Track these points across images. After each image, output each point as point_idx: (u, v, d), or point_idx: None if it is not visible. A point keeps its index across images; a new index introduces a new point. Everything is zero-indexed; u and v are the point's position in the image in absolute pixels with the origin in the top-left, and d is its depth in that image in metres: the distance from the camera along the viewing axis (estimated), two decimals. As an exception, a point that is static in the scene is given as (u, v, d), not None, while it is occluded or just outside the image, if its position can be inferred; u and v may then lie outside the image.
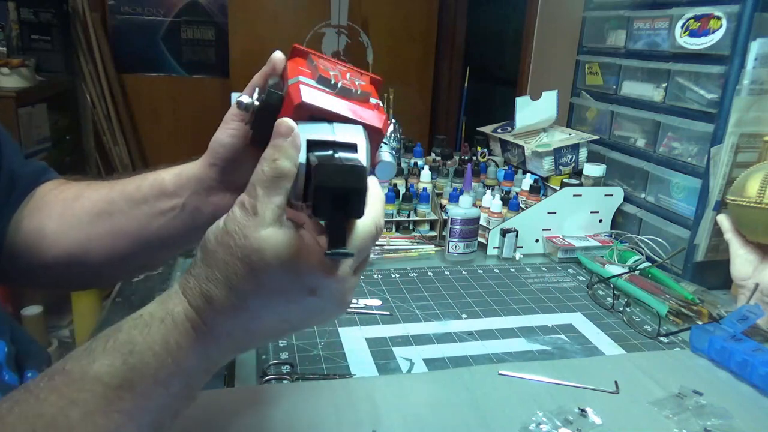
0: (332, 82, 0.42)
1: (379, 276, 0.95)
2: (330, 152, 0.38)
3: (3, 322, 0.51)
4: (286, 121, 0.37)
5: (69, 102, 2.59)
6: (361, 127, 0.42)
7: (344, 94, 0.43)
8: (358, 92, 0.43)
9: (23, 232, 0.54)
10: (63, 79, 2.55)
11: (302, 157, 0.38)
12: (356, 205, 0.36)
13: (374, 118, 0.43)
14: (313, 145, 0.39)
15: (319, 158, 0.37)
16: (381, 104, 0.45)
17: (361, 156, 0.39)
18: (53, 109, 2.31)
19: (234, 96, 1.21)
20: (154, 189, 0.52)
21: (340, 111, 0.41)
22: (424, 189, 1.15)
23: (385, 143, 0.45)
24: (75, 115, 2.67)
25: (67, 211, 0.54)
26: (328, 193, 0.35)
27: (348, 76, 0.44)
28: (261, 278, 0.36)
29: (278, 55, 0.49)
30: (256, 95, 0.44)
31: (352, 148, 0.39)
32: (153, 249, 0.54)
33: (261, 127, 0.43)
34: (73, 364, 0.34)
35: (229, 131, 0.50)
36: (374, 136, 0.43)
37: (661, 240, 1.04)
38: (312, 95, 0.41)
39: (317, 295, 0.37)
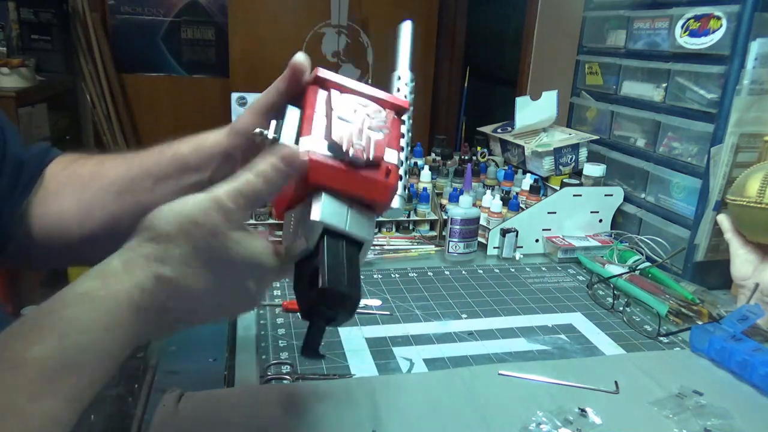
0: (344, 149, 0.43)
1: (379, 276, 0.95)
2: (339, 259, 0.42)
3: (2, 321, 0.51)
4: (289, 154, 0.42)
5: (69, 102, 2.59)
6: (373, 218, 0.46)
7: (354, 165, 0.44)
8: (370, 159, 0.44)
9: (41, 215, 0.54)
10: (63, 79, 2.55)
11: (315, 236, 0.43)
12: (340, 321, 0.44)
13: (381, 192, 0.45)
14: (327, 231, 0.43)
15: (329, 270, 0.41)
16: (396, 158, 0.47)
17: (361, 259, 0.45)
18: (53, 109, 2.31)
19: (234, 96, 1.21)
20: (176, 165, 0.52)
21: (350, 189, 0.44)
22: (424, 189, 1.15)
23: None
24: (75, 115, 2.67)
25: (87, 192, 0.54)
26: (324, 309, 0.42)
27: (364, 130, 0.46)
28: (221, 271, 0.39)
29: (300, 58, 0.49)
30: (272, 129, 0.46)
31: (357, 245, 0.44)
32: None
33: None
34: (12, 348, 0.33)
35: (251, 127, 0.49)
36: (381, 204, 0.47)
37: (661, 240, 1.04)
38: (322, 173, 0.43)
39: (256, 290, 0.42)
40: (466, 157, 1.39)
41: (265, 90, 0.49)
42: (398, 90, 0.51)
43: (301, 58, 0.48)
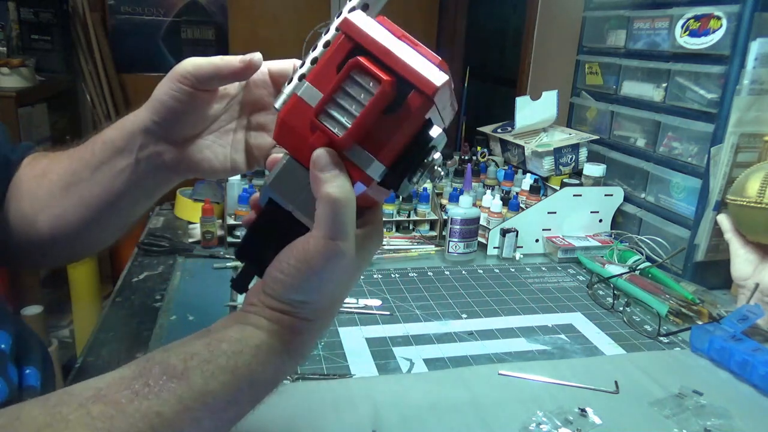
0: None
1: (379, 276, 0.95)
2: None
3: (6, 316, 0.51)
4: (321, 155, 0.36)
5: (69, 102, 2.59)
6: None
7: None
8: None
9: (9, 214, 0.55)
10: (63, 79, 2.54)
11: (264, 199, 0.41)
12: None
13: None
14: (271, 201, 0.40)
15: (244, 239, 0.42)
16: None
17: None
18: (53, 109, 2.31)
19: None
20: (106, 150, 0.51)
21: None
22: (424, 189, 1.15)
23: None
24: (75, 115, 2.67)
25: (39, 190, 0.54)
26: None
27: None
28: (347, 291, 0.44)
29: (256, 58, 0.48)
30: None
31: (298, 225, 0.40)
32: (123, 206, 0.54)
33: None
34: (195, 376, 0.35)
35: (171, 93, 0.47)
36: None
37: (661, 240, 1.04)
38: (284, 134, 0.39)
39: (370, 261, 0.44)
40: (466, 157, 1.39)
41: (199, 59, 0.47)
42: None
43: (257, 57, 0.47)
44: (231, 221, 1.03)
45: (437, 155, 0.37)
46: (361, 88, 0.35)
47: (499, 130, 1.41)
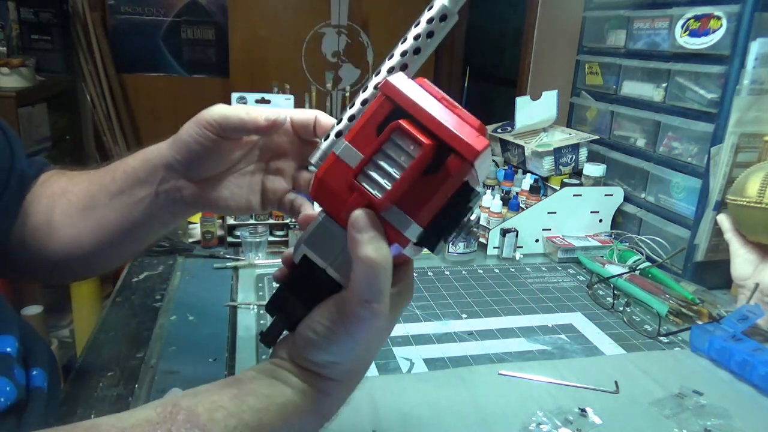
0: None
1: (379, 276, 0.95)
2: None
3: (12, 319, 0.51)
4: (360, 216, 0.36)
5: (69, 102, 2.59)
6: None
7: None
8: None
9: (26, 228, 0.55)
10: (63, 79, 2.55)
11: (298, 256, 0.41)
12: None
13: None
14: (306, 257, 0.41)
15: (274, 296, 0.41)
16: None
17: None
18: (53, 109, 2.31)
19: (234, 96, 1.21)
20: (127, 179, 0.52)
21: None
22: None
23: None
24: (75, 115, 2.67)
25: (56, 209, 0.55)
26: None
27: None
28: (377, 351, 0.45)
29: (282, 117, 0.47)
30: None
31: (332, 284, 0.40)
32: (139, 234, 0.55)
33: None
34: (206, 417, 0.35)
35: (195, 137, 0.48)
36: None
37: (661, 240, 1.04)
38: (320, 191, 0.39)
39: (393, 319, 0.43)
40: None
41: (228, 110, 0.47)
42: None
43: (282, 117, 0.47)
44: (231, 221, 1.03)
45: (474, 216, 0.37)
46: (401, 151, 0.35)
47: (499, 130, 1.41)
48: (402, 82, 0.36)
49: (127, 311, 0.81)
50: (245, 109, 0.47)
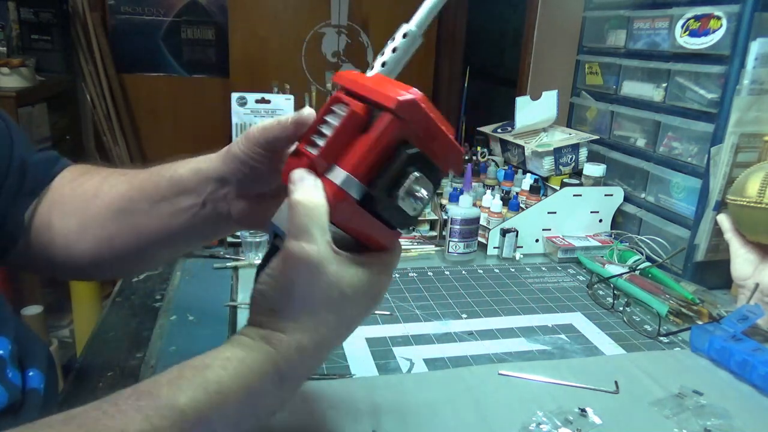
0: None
1: (379, 276, 0.95)
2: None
3: (7, 320, 0.51)
4: (294, 172, 0.40)
5: (69, 102, 2.59)
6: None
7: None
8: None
9: (45, 226, 0.55)
10: (63, 79, 2.54)
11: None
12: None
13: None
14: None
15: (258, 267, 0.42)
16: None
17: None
18: (53, 109, 2.31)
19: (234, 96, 1.20)
20: (173, 187, 0.51)
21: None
22: (424, 189, 1.15)
23: None
24: (75, 115, 2.67)
25: (88, 209, 0.54)
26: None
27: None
28: (343, 313, 0.40)
29: (306, 113, 0.46)
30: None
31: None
32: (176, 243, 0.55)
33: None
34: (163, 390, 0.35)
35: (246, 151, 0.48)
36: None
37: (661, 240, 1.04)
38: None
39: (371, 310, 0.42)
40: (466, 157, 1.39)
41: (267, 122, 0.48)
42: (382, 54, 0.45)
43: (306, 112, 0.46)
44: (231, 221, 1.03)
45: (415, 174, 0.39)
46: (337, 116, 0.40)
47: (499, 130, 1.41)
48: (348, 72, 0.42)
49: (127, 311, 0.81)
50: (276, 118, 0.48)
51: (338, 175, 0.39)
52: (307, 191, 0.38)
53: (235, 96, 1.10)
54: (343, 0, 2.68)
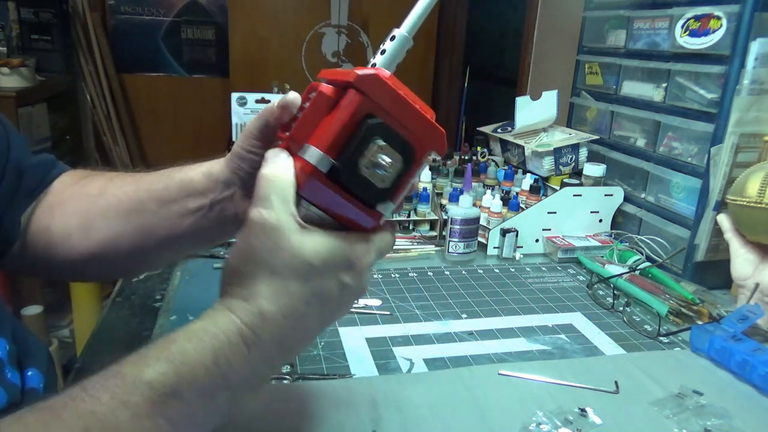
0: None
1: (379, 276, 0.95)
2: None
3: (4, 320, 0.51)
4: (267, 152, 0.43)
5: (69, 102, 2.59)
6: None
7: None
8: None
9: (45, 228, 0.55)
10: (63, 79, 2.54)
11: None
12: None
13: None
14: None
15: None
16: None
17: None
18: (53, 109, 2.31)
19: (234, 96, 1.21)
20: (182, 190, 0.52)
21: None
22: (424, 189, 1.15)
23: None
24: (75, 115, 2.67)
25: (93, 208, 0.54)
26: None
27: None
28: (312, 283, 0.40)
29: (291, 97, 0.46)
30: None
31: None
32: (182, 245, 0.55)
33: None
34: (128, 368, 0.35)
35: (245, 146, 0.49)
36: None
37: (661, 240, 1.04)
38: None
39: (347, 285, 0.41)
40: (466, 157, 1.39)
41: (257, 114, 0.49)
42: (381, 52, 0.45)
43: (291, 96, 0.47)
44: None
45: (378, 143, 0.40)
46: (310, 101, 0.42)
47: (499, 130, 1.41)
48: (329, 70, 0.45)
49: (127, 311, 0.81)
50: (266, 106, 0.49)
51: (306, 150, 0.40)
52: (274, 166, 0.40)
53: (235, 96, 1.10)
54: (343, 0, 2.68)
